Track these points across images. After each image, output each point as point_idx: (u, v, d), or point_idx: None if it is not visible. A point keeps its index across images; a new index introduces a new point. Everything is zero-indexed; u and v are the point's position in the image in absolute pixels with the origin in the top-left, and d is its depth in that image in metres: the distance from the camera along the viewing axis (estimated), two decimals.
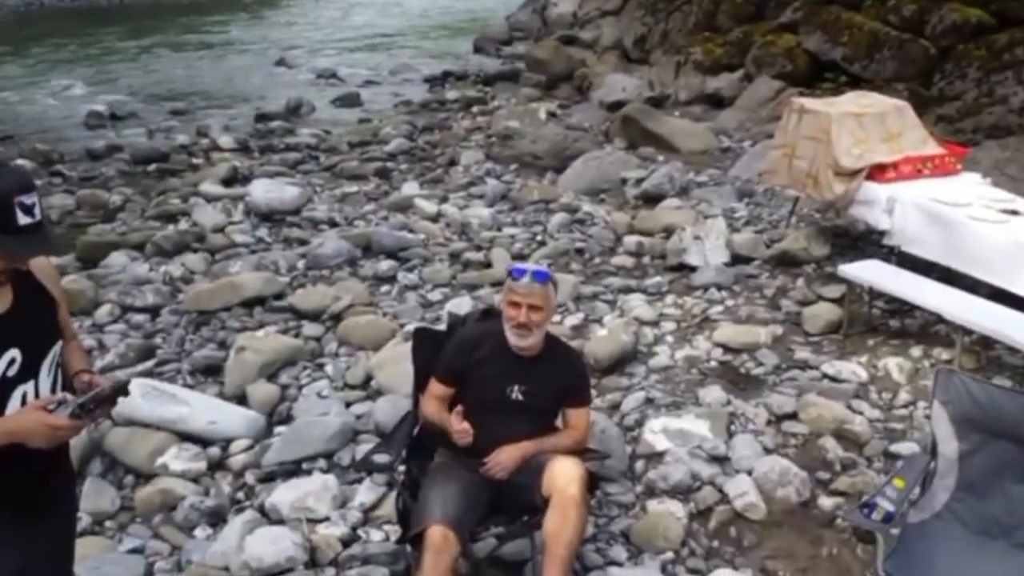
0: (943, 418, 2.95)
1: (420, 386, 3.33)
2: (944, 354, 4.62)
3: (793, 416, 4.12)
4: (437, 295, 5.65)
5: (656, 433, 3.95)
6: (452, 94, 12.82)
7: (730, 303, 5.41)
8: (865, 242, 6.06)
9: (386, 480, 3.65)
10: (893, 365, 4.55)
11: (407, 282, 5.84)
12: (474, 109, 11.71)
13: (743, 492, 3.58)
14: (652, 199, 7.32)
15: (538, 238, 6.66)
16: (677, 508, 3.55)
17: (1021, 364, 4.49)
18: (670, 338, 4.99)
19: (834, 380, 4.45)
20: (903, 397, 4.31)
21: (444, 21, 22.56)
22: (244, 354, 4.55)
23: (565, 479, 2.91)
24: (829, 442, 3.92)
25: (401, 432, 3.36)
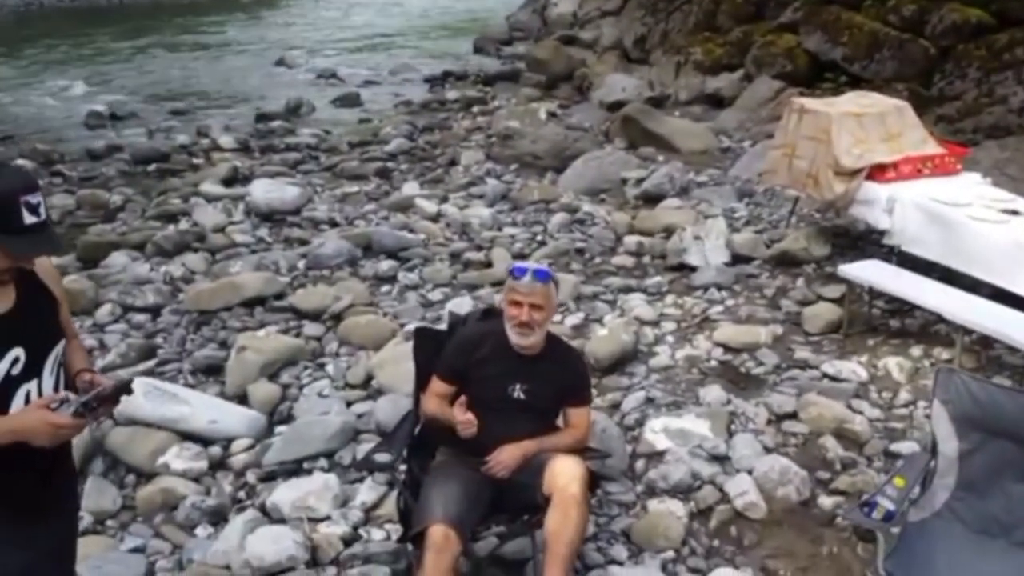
0: (943, 417, 2.95)
1: (421, 385, 3.34)
2: (944, 354, 4.62)
3: (793, 415, 4.13)
4: (437, 295, 5.65)
5: (656, 432, 3.95)
6: (452, 94, 12.83)
7: (730, 303, 5.41)
8: (865, 242, 6.07)
9: (387, 479, 3.65)
10: (893, 365, 4.55)
11: (407, 282, 5.85)
12: (474, 109, 11.71)
13: (743, 491, 3.58)
14: (652, 199, 7.32)
15: (538, 238, 6.66)
16: (678, 507, 3.55)
17: (1021, 363, 4.49)
18: (670, 338, 5.00)
19: (834, 380, 4.46)
20: (903, 396, 4.31)
21: (444, 21, 22.56)
22: (245, 354, 4.56)
23: (566, 478, 2.92)
24: (829, 441, 3.92)
25: (402, 431, 3.37)
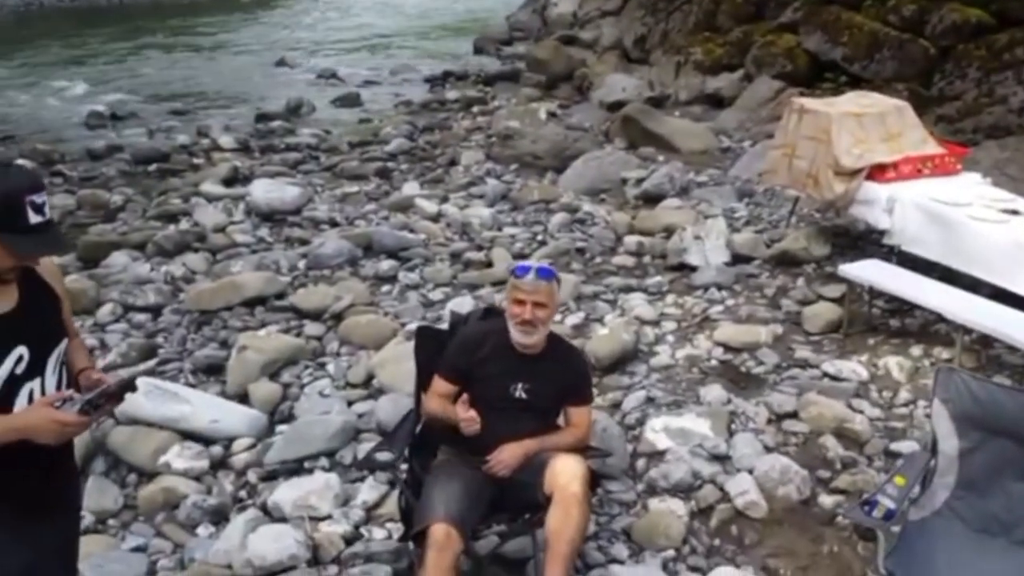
0: (943, 416, 2.96)
1: (422, 384, 3.34)
2: (944, 353, 4.63)
3: (794, 415, 4.14)
4: (438, 295, 5.66)
5: (657, 432, 3.96)
6: (452, 94, 12.83)
7: (730, 303, 5.42)
8: (865, 242, 6.07)
9: (388, 478, 3.66)
10: (893, 364, 4.56)
11: (408, 282, 5.85)
12: (474, 109, 11.72)
13: (744, 490, 3.59)
14: (652, 199, 7.33)
15: (539, 238, 6.67)
16: (678, 506, 3.56)
17: (1021, 363, 4.50)
18: (671, 337, 5.01)
19: (834, 379, 4.47)
20: (903, 396, 4.32)
21: (444, 21, 22.56)
22: (246, 353, 4.57)
23: (567, 477, 2.92)
24: (830, 441, 3.93)
25: (403, 430, 3.37)
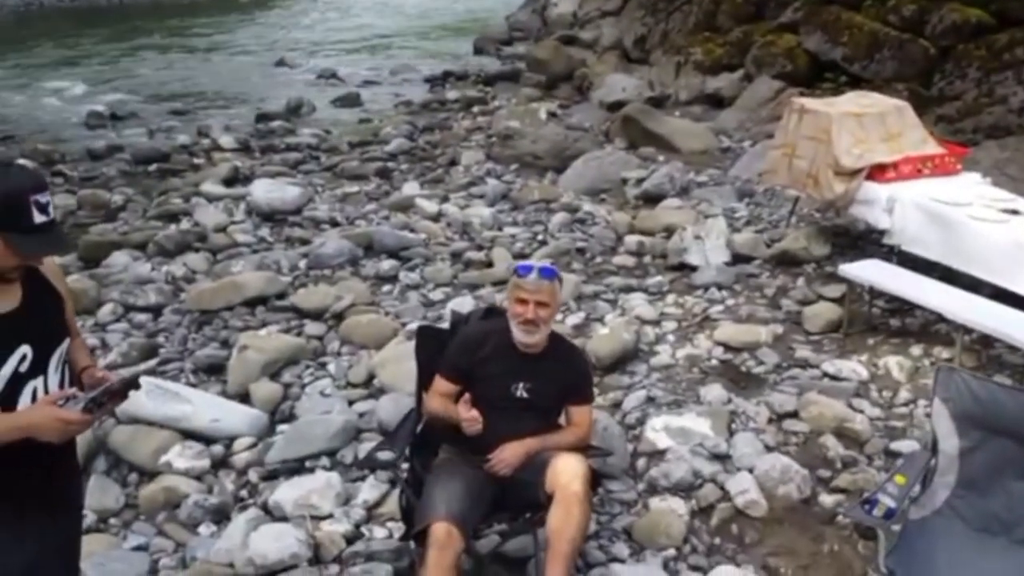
0: (944, 415, 2.96)
1: (423, 384, 3.35)
2: (944, 353, 4.64)
3: (794, 414, 4.15)
4: (439, 294, 5.66)
5: (657, 431, 3.97)
6: (452, 94, 12.84)
7: (731, 302, 5.43)
8: (865, 241, 6.08)
9: (389, 477, 3.66)
10: (893, 364, 4.57)
11: (409, 281, 5.85)
12: (475, 109, 11.73)
13: (744, 489, 3.60)
14: (653, 199, 7.34)
15: (539, 237, 6.68)
16: (679, 505, 3.57)
17: (1021, 362, 4.51)
18: (671, 337, 5.02)
19: (834, 379, 4.47)
20: (903, 395, 4.33)
21: (444, 21, 22.57)
22: (247, 353, 4.57)
23: (568, 476, 2.93)
24: (830, 440, 3.94)
25: (404, 429, 3.37)
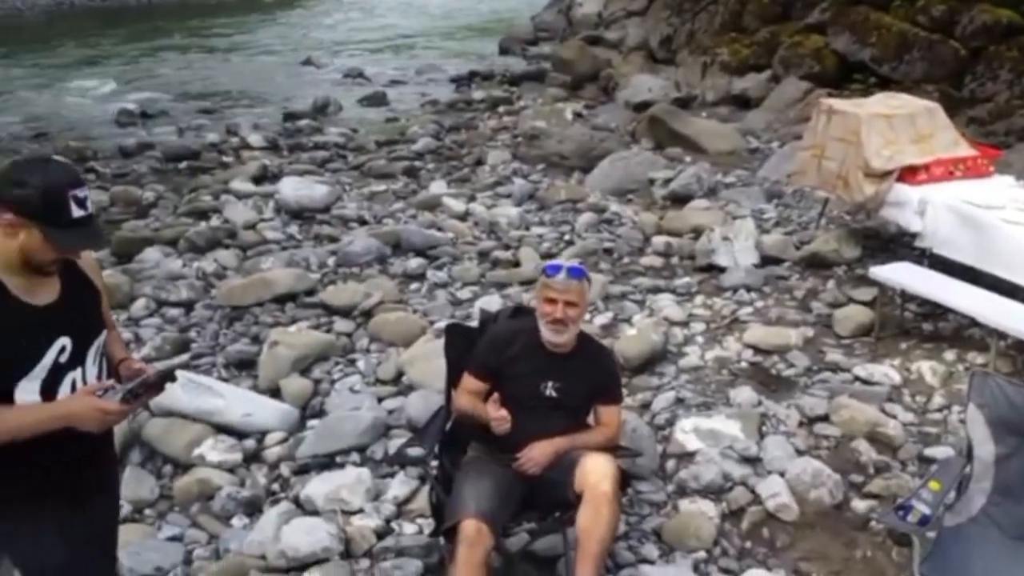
0: (979, 421, 2.94)
1: (452, 381, 3.36)
2: (979, 358, 4.58)
3: (825, 418, 4.12)
4: (466, 293, 5.68)
5: (687, 433, 3.96)
6: (478, 94, 12.86)
7: (760, 304, 5.40)
8: (896, 244, 6.02)
9: (419, 474, 3.68)
10: (926, 368, 4.52)
11: (436, 280, 5.87)
12: (500, 109, 11.74)
13: (775, 493, 3.58)
14: (680, 200, 7.32)
15: (566, 237, 6.67)
16: (709, 508, 3.56)
17: None
18: (700, 338, 5.00)
19: (866, 383, 4.44)
20: (937, 401, 4.28)
21: (469, 22, 22.62)
22: (277, 348, 4.61)
23: (598, 475, 2.93)
24: (862, 445, 3.91)
25: (434, 427, 3.39)
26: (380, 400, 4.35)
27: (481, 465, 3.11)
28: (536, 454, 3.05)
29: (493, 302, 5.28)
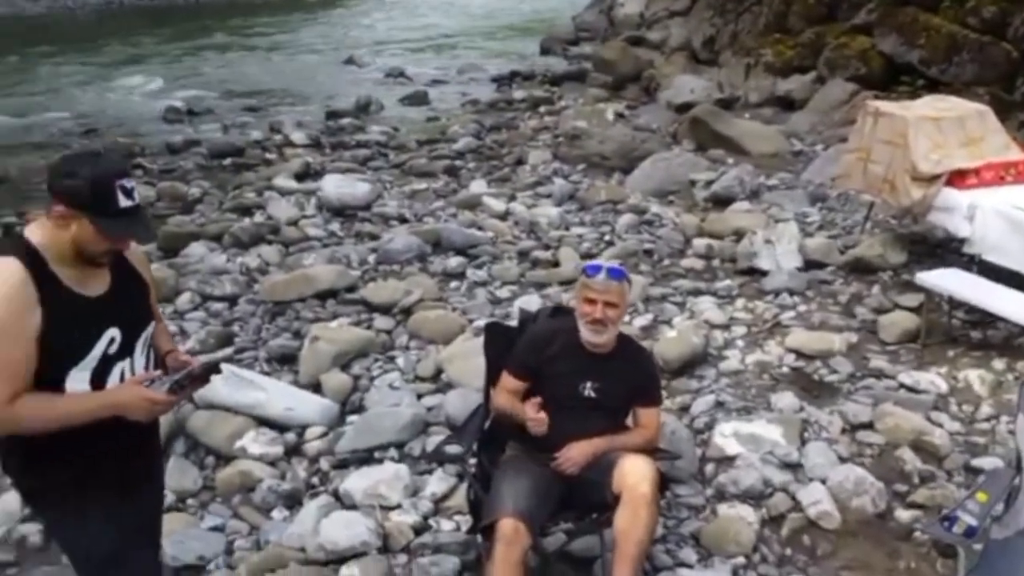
0: None
1: (491, 380, 3.36)
2: None
3: (869, 426, 4.05)
4: (505, 292, 5.69)
5: (727, 437, 3.92)
6: (519, 94, 12.87)
7: (802, 309, 5.33)
8: (944, 250, 5.91)
9: (457, 471, 3.69)
10: (974, 377, 4.43)
11: (476, 279, 5.89)
12: (541, 109, 11.74)
13: (817, 500, 3.53)
14: (722, 201, 7.27)
15: (606, 238, 6.66)
16: (748, 513, 3.52)
17: None
18: (741, 342, 4.95)
19: (912, 391, 4.35)
20: (985, 410, 4.19)
21: (510, 22, 22.65)
22: (318, 344, 4.65)
23: (636, 477, 2.91)
24: (907, 454, 3.84)
25: (472, 425, 3.40)
26: (419, 397, 4.37)
27: (519, 464, 3.11)
28: (574, 454, 3.04)
29: (532, 302, 5.28)
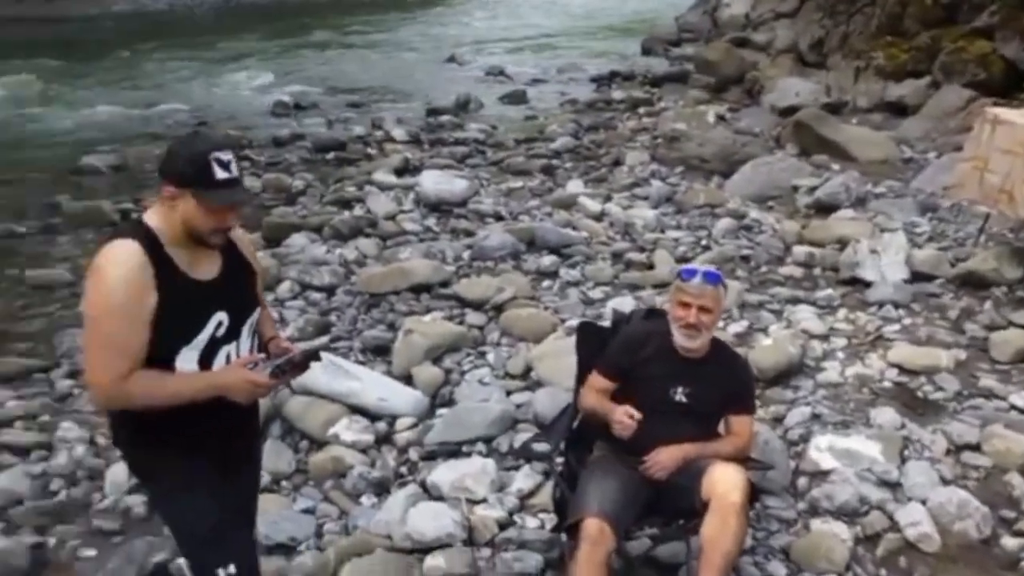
0: None
1: (582, 379, 3.35)
2: None
3: (975, 447, 3.87)
4: (598, 293, 5.66)
5: (822, 451, 3.81)
6: (618, 94, 12.77)
7: (908, 322, 5.12)
8: None
9: (543, 469, 3.69)
10: None
11: (569, 278, 5.88)
12: (640, 110, 11.63)
13: (916, 521, 3.40)
14: (825, 209, 7.07)
15: (702, 242, 6.55)
16: (842, 530, 3.42)
17: None
18: (840, 354, 4.79)
19: None
20: None
21: (611, 22, 22.49)
22: (412, 337, 4.73)
23: (727, 485, 2.86)
24: (1016, 479, 3.65)
25: (561, 424, 3.41)
26: (508, 394, 4.40)
27: (607, 465, 3.09)
28: (663, 458, 3.01)
29: (626, 303, 5.24)
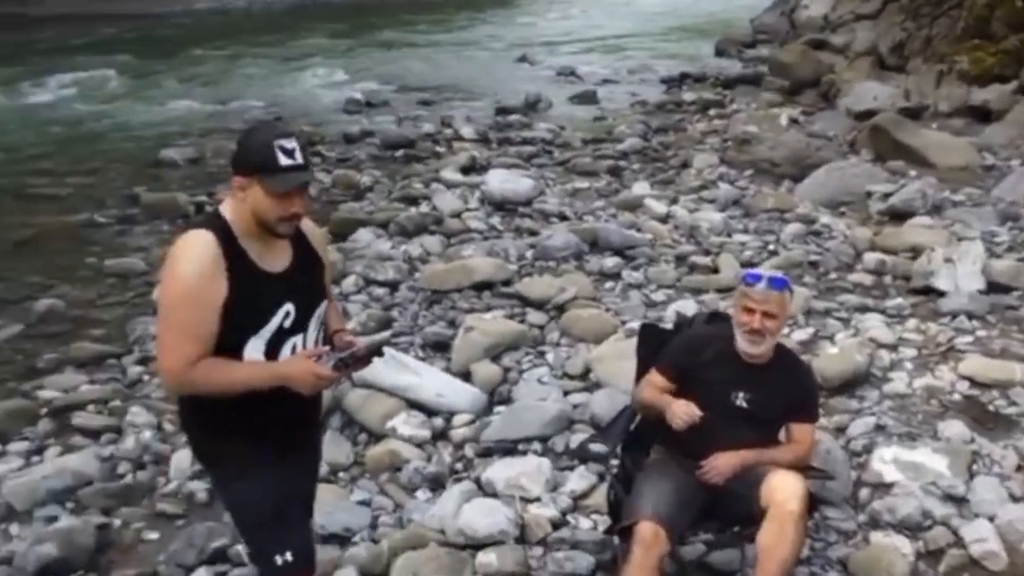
0: None
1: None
2: None
3: None
4: (660, 296, 5.62)
5: (886, 463, 3.72)
6: (689, 96, 12.61)
7: (982, 334, 4.95)
8: None
9: (598, 471, 3.69)
10: None
11: (631, 280, 5.85)
12: (711, 112, 11.47)
13: (982, 538, 3.30)
14: (899, 216, 6.88)
15: (770, 247, 6.44)
16: (904, 544, 3.34)
17: None
18: (909, 364, 4.66)
19: None
20: None
21: (684, 23, 22.22)
22: (472, 334, 4.77)
23: (785, 493, 2.82)
24: None
25: (618, 426, 3.39)
26: (566, 394, 4.40)
27: (664, 468, 3.07)
28: (721, 463, 2.98)
29: (688, 307, 5.19)
